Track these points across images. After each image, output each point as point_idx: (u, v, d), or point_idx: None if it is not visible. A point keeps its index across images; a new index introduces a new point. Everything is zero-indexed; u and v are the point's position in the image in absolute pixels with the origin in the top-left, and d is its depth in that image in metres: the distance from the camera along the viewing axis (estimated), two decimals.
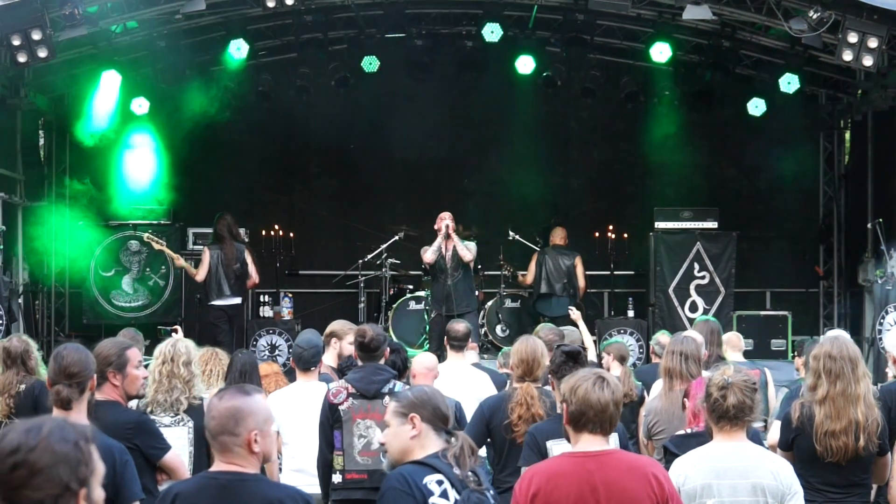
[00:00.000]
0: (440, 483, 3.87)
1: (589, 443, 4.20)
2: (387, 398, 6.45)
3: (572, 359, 5.84)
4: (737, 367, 5.00)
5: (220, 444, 3.79)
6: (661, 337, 9.77)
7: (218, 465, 3.85)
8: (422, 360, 7.58)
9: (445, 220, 12.67)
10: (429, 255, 12.72)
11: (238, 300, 13.59)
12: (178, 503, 3.81)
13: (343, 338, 8.00)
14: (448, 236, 12.60)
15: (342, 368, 7.90)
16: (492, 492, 4.08)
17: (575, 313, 10.87)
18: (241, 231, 14.66)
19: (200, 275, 13.45)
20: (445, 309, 12.48)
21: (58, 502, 2.24)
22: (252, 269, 13.63)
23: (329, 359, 7.94)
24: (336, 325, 8.23)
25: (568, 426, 4.25)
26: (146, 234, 14.03)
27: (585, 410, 4.16)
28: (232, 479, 3.76)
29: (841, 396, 5.68)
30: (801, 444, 5.79)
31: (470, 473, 3.94)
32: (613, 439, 4.63)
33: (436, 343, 12.37)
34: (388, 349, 6.99)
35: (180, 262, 13.57)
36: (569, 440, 4.31)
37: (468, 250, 12.68)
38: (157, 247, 13.72)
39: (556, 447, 5.65)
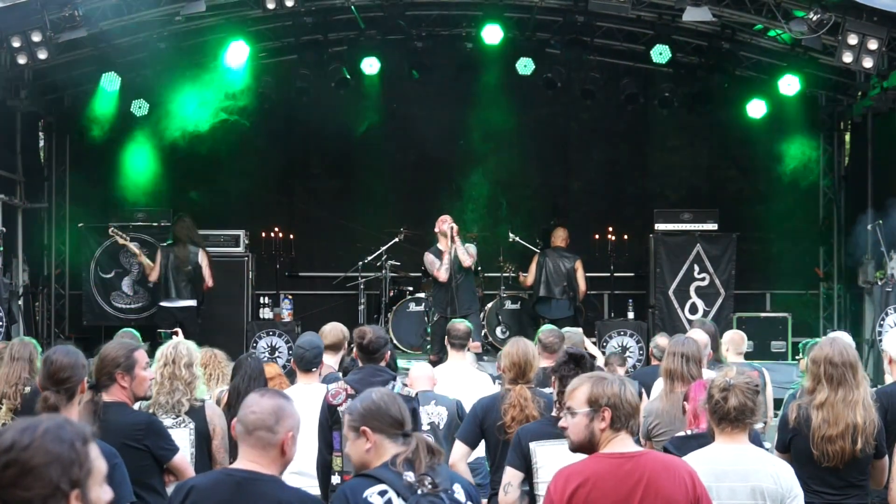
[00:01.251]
0: (383, 493, 3.84)
1: (623, 444, 4.21)
2: None
3: (574, 361, 5.82)
4: (739, 368, 4.99)
5: (254, 440, 3.79)
6: (660, 339, 9.79)
7: (238, 463, 3.87)
8: (418, 370, 7.56)
9: (449, 223, 12.64)
10: (442, 273, 12.58)
11: (188, 303, 13.53)
12: (192, 495, 3.83)
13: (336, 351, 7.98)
14: (453, 240, 12.57)
15: (346, 369, 7.89)
16: (457, 492, 4.00)
17: (587, 343, 10.94)
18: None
19: (153, 275, 13.59)
20: (449, 311, 12.47)
21: (47, 503, 2.23)
22: (206, 272, 13.58)
23: (334, 363, 7.94)
24: (335, 336, 8.14)
25: (607, 430, 4.24)
26: (111, 228, 14.02)
27: (633, 413, 4.23)
28: (247, 478, 3.78)
29: (841, 402, 5.67)
30: (797, 445, 5.79)
31: (427, 476, 3.89)
32: None
33: (438, 345, 12.36)
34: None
35: (142, 258, 13.65)
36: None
37: (469, 254, 12.66)
38: (121, 241, 13.74)
39: (539, 449, 5.64)
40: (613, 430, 4.20)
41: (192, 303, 13.59)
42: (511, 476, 5.70)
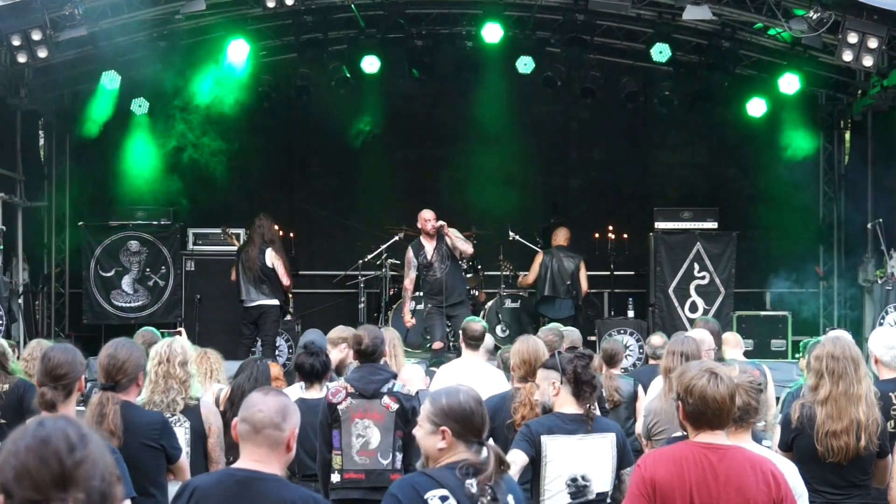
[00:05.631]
0: (444, 499, 3.83)
1: (709, 437, 4.21)
2: (385, 398, 6.45)
3: (582, 361, 5.79)
4: (742, 367, 4.98)
5: (261, 438, 3.80)
6: (655, 338, 9.82)
7: (240, 462, 3.87)
8: (410, 373, 7.55)
9: (432, 222, 12.59)
10: (407, 283, 12.88)
11: (262, 302, 13.29)
12: (196, 496, 3.84)
13: (336, 346, 7.95)
14: (443, 238, 12.56)
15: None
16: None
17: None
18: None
19: (232, 276, 13.56)
20: (439, 301, 12.52)
21: (114, 489, 2.33)
22: (280, 270, 13.30)
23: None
24: (332, 332, 8.17)
25: (686, 422, 4.26)
26: (223, 229, 14.62)
27: (704, 409, 4.17)
28: (249, 477, 3.79)
29: (843, 396, 5.67)
30: (800, 444, 5.78)
31: (489, 488, 3.87)
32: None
33: (439, 332, 12.40)
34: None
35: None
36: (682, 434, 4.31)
37: (466, 241, 12.64)
38: (235, 242, 14.18)
39: (550, 442, 5.63)
40: (693, 426, 4.21)
41: (268, 301, 13.31)
42: (515, 455, 5.67)
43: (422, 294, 13.32)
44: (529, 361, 6.50)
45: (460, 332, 8.81)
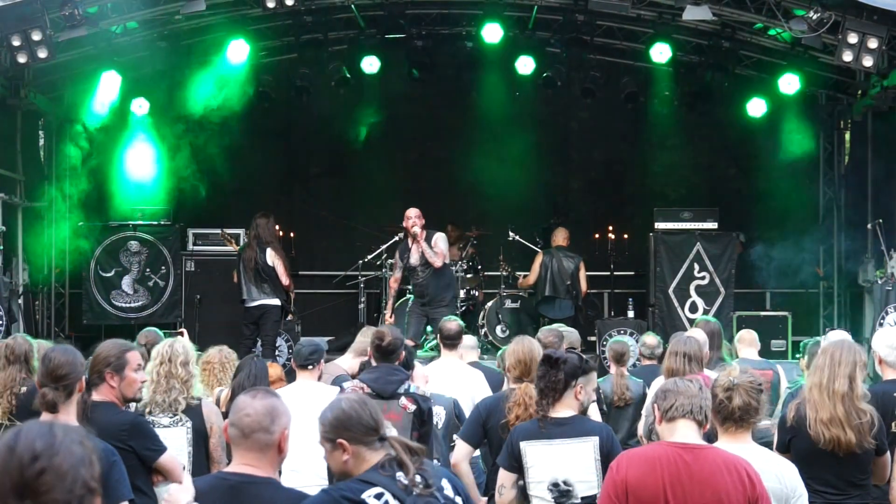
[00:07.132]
0: (379, 496, 3.79)
1: (684, 435, 4.27)
2: (403, 399, 6.45)
3: (548, 364, 5.75)
4: (743, 367, 4.97)
5: (251, 442, 3.77)
6: (648, 338, 9.85)
7: (233, 466, 3.85)
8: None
9: (413, 220, 12.56)
10: (392, 283, 12.86)
11: (263, 302, 13.28)
12: None
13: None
14: (417, 241, 12.55)
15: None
16: (445, 487, 3.96)
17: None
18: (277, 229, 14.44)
19: (234, 278, 13.55)
20: (422, 303, 12.58)
21: (85, 502, 2.29)
22: (280, 269, 13.29)
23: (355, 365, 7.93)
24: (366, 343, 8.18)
25: (660, 424, 4.32)
26: (222, 231, 14.58)
27: (672, 402, 4.28)
28: (242, 481, 3.77)
29: (830, 389, 5.69)
30: (797, 444, 5.79)
31: (418, 477, 3.84)
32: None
33: (412, 330, 12.44)
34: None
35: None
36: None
37: (437, 253, 12.52)
38: (233, 246, 14.11)
39: (529, 448, 5.61)
40: (668, 422, 4.32)
41: (269, 301, 13.28)
42: (504, 478, 5.67)
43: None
44: (524, 361, 6.49)
45: (437, 332, 8.80)
